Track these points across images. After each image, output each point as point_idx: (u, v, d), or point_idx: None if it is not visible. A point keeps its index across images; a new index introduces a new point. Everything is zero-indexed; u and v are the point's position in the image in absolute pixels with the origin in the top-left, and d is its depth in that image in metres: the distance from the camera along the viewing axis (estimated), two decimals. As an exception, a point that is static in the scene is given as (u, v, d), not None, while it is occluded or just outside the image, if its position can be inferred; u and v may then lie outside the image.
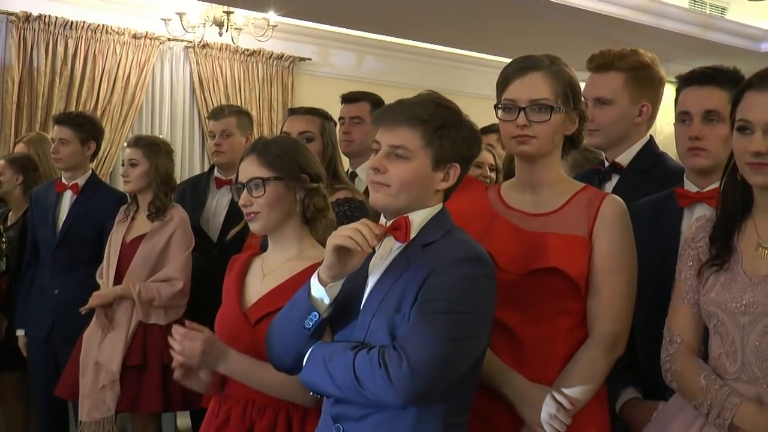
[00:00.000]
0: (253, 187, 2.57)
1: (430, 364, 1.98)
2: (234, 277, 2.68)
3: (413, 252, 2.14)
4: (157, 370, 4.22)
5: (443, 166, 2.16)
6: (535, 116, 2.36)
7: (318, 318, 2.13)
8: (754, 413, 2.11)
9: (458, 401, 2.15)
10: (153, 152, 4.33)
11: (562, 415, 2.27)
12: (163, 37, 7.42)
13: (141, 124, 7.50)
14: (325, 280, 2.13)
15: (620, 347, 2.38)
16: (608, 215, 2.38)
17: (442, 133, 2.14)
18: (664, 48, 6.73)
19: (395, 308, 2.09)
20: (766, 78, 2.17)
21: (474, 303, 2.07)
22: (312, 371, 2.13)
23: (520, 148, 2.40)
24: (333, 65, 8.50)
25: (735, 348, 2.19)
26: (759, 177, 2.17)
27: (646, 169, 3.04)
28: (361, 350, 2.06)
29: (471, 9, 6.18)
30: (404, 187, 2.14)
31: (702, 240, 2.30)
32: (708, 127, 2.63)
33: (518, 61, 2.44)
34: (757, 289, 2.16)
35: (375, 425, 2.10)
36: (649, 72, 3.10)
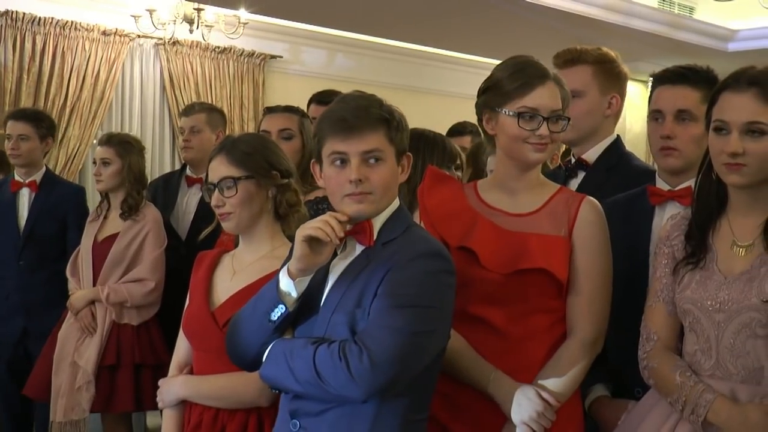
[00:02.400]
0: (224, 187, 2.56)
1: (391, 358, 1.99)
2: (202, 274, 2.67)
3: (374, 250, 2.15)
4: (130, 369, 4.22)
5: (401, 159, 2.19)
6: (554, 126, 2.38)
7: (285, 311, 2.13)
8: (727, 409, 2.13)
9: (418, 397, 2.15)
10: (125, 150, 4.31)
11: (548, 412, 2.29)
12: (132, 33, 7.36)
13: (111, 121, 7.44)
14: (294, 274, 2.13)
15: (599, 345, 2.41)
16: (587, 217, 2.41)
17: (398, 127, 2.16)
18: (633, 47, 6.78)
19: (356, 304, 2.09)
20: (742, 79, 2.19)
21: (434, 297, 2.07)
22: (272, 367, 2.13)
23: (537, 156, 2.41)
24: (304, 63, 8.48)
25: (710, 345, 2.21)
26: (734, 177, 2.18)
27: (611, 167, 3.06)
28: (322, 345, 2.05)
29: (441, 7, 6.19)
30: (386, 190, 2.15)
31: (677, 238, 2.32)
32: (680, 127, 2.64)
33: (532, 67, 2.41)
34: (731, 287, 2.18)
35: (333, 420, 2.11)
36: (615, 65, 3.13)
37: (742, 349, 2.16)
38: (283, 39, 8.27)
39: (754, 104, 2.15)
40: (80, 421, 4.16)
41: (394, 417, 2.10)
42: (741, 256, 2.21)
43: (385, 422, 2.10)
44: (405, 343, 2.00)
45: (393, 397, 2.07)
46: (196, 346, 2.62)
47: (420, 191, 2.57)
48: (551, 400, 2.29)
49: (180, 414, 2.63)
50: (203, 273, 2.67)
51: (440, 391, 2.27)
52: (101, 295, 4.19)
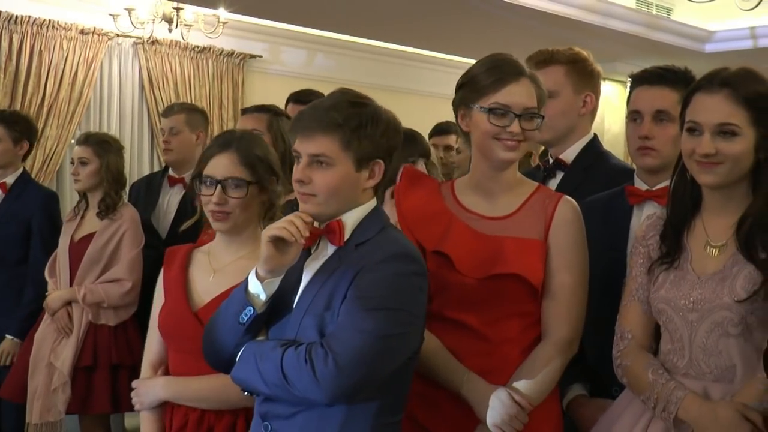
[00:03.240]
0: (231, 185, 2.52)
1: (357, 362, 1.97)
2: (176, 272, 2.63)
3: (346, 251, 2.14)
4: (107, 370, 4.20)
5: (366, 165, 2.14)
6: (527, 124, 2.38)
7: (253, 313, 2.13)
8: (698, 407, 2.15)
9: (390, 400, 2.14)
10: (103, 150, 4.29)
11: (521, 415, 2.29)
12: (111, 32, 7.31)
13: (89, 120, 7.39)
14: (263, 276, 2.12)
15: (574, 347, 2.41)
16: (563, 218, 2.40)
17: (360, 134, 2.11)
18: (611, 47, 6.82)
19: (325, 306, 2.09)
20: (714, 80, 2.21)
21: (404, 300, 2.06)
22: (243, 369, 2.13)
23: (509, 155, 2.40)
24: (284, 63, 8.46)
25: (683, 344, 2.23)
26: (707, 177, 2.21)
27: (588, 167, 3.08)
28: (290, 347, 2.05)
29: (421, 7, 6.20)
30: (331, 194, 2.12)
31: (653, 238, 2.34)
32: (658, 127, 2.66)
33: (510, 65, 2.42)
34: (704, 287, 2.20)
35: (303, 423, 2.10)
36: (587, 64, 3.14)
37: (714, 348, 2.18)
38: (262, 39, 8.24)
39: (726, 106, 2.17)
40: (56, 423, 4.14)
41: (365, 420, 2.10)
42: (714, 256, 2.23)
43: (356, 425, 2.09)
44: (372, 347, 1.99)
45: (364, 399, 2.07)
46: (174, 347, 2.59)
47: (396, 192, 2.57)
48: (524, 403, 2.29)
49: (160, 416, 2.60)
50: (177, 271, 2.63)
51: (418, 391, 2.27)
52: (78, 296, 4.17)
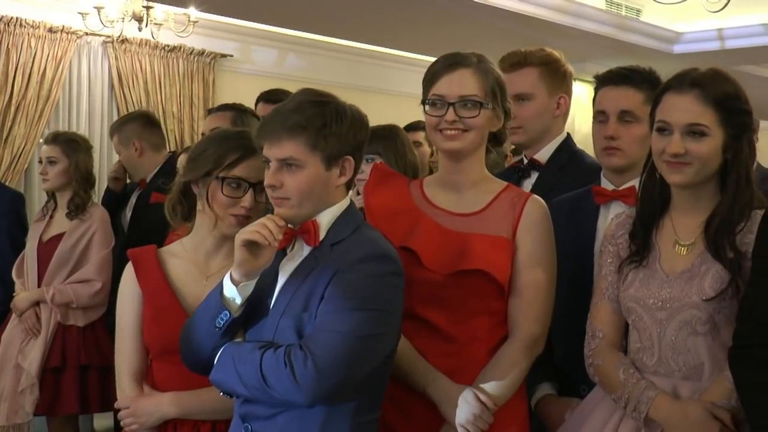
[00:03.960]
0: (259, 190, 2.39)
1: (336, 363, 1.97)
2: (156, 277, 2.50)
3: (322, 251, 2.13)
4: (75, 371, 4.19)
5: (336, 163, 2.14)
6: (465, 112, 2.36)
7: (229, 317, 2.12)
8: (668, 406, 2.17)
9: (368, 398, 2.14)
10: (72, 149, 4.27)
11: (485, 414, 2.28)
12: (80, 31, 7.25)
13: (58, 119, 7.32)
14: (237, 279, 2.11)
15: (540, 346, 2.41)
16: (531, 217, 2.40)
17: (326, 132, 2.11)
18: (581, 48, 6.85)
19: (303, 307, 2.08)
20: (684, 80, 2.22)
21: (381, 300, 2.06)
22: (221, 371, 2.12)
23: (450, 145, 2.40)
24: (254, 62, 8.43)
25: (652, 342, 2.24)
26: (676, 176, 2.22)
27: (563, 166, 3.08)
28: (269, 350, 2.04)
29: (392, 7, 6.20)
30: (304, 196, 2.12)
31: (622, 237, 2.35)
32: (623, 127, 2.67)
33: (446, 58, 2.43)
34: (673, 286, 2.22)
35: (283, 424, 2.10)
36: (559, 65, 3.15)
37: (683, 346, 2.20)
38: (233, 38, 8.21)
39: (696, 106, 2.19)
40: (24, 425, 4.11)
41: (345, 419, 2.10)
42: (683, 255, 2.25)
43: (336, 424, 2.09)
44: (351, 348, 1.99)
45: (343, 399, 2.06)
46: (168, 358, 2.42)
47: (364, 189, 2.57)
48: (489, 403, 2.29)
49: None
50: (159, 281, 2.50)
51: (387, 393, 2.27)
52: (46, 296, 4.15)
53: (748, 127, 2.23)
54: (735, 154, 2.21)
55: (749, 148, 2.23)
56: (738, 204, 2.20)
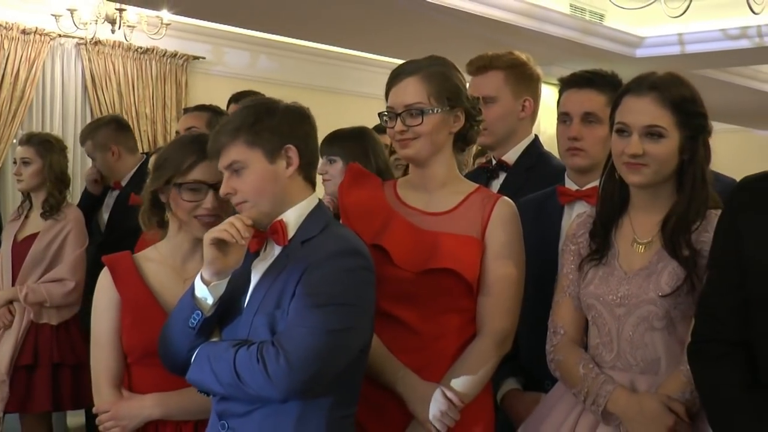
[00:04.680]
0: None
1: (308, 358, 1.98)
2: (135, 282, 2.47)
3: (292, 249, 2.14)
4: (47, 369, 4.16)
5: (279, 155, 2.16)
6: (411, 120, 2.39)
7: (201, 317, 2.13)
8: (625, 399, 2.19)
9: (344, 394, 2.15)
10: (46, 150, 4.25)
11: (452, 411, 2.30)
12: (53, 33, 7.19)
13: (31, 120, 7.25)
14: (208, 279, 2.12)
15: (508, 343, 2.43)
16: (500, 218, 2.42)
17: (258, 128, 2.14)
18: (546, 51, 6.87)
19: (275, 305, 2.09)
20: (643, 83, 2.25)
21: (352, 295, 2.07)
22: (197, 370, 2.12)
23: (403, 152, 2.44)
24: (227, 64, 8.40)
25: (611, 338, 2.26)
26: (635, 177, 2.24)
27: (530, 167, 3.10)
28: (242, 347, 2.05)
29: (360, 11, 6.20)
30: (258, 194, 2.14)
31: (582, 236, 2.38)
32: (586, 128, 2.70)
33: (397, 69, 2.46)
34: (631, 283, 2.24)
35: (260, 420, 2.10)
36: (526, 68, 3.16)
37: (640, 341, 2.22)
38: (205, 40, 8.17)
39: (654, 108, 2.21)
40: (-4, 423, 4.08)
41: (320, 414, 2.10)
42: (640, 253, 2.27)
43: (311, 419, 2.09)
44: (322, 343, 1.99)
45: (318, 394, 2.07)
46: (149, 362, 2.38)
47: (339, 188, 2.59)
48: (455, 400, 2.30)
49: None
50: (138, 287, 2.46)
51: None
52: (19, 295, 4.13)
53: (704, 129, 2.26)
54: (691, 155, 2.24)
55: (705, 149, 2.26)
56: (694, 203, 2.23)
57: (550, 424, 2.34)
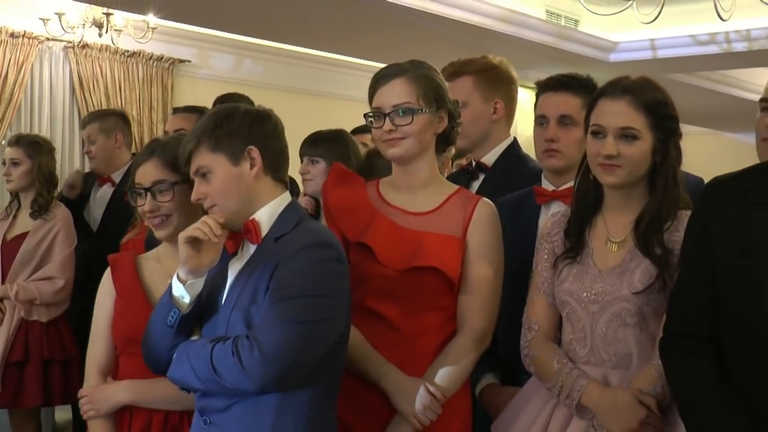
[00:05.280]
0: (157, 191, 2.44)
1: (281, 349, 1.98)
2: (129, 278, 2.52)
3: (266, 246, 2.15)
4: (38, 365, 4.14)
5: (242, 157, 2.16)
6: (400, 120, 2.38)
7: (178, 314, 2.12)
8: (598, 393, 2.20)
9: (322, 384, 2.14)
10: (35, 151, 4.24)
11: (435, 405, 2.31)
12: (42, 36, 7.16)
13: (20, 122, 7.22)
14: (184, 278, 2.12)
15: (487, 340, 2.43)
16: (481, 218, 2.42)
17: (219, 133, 2.16)
18: (523, 56, 6.90)
19: (250, 300, 2.09)
20: (617, 87, 2.26)
21: (324, 286, 2.06)
22: (177, 368, 2.12)
23: (390, 152, 2.43)
24: (212, 67, 8.38)
25: (585, 334, 2.27)
26: (609, 177, 2.26)
27: (508, 169, 3.09)
28: (219, 342, 2.05)
29: (343, 16, 6.20)
30: (225, 196, 2.16)
31: (557, 234, 2.38)
32: (563, 130, 2.70)
33: (381, 71, 2.46)
34: (605, 280, 2.25)
35: (239, 414, 2.10)
36: (496, 72, 3.15)
37: (613, 337, 2.23)
38: (191, 44, 8.16)
39: (628, 111, 2.22)
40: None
41: (298, 405, 2.10)
42: (614, 251, 2.28)
43: (289, 411, 2.09)
44: (295, 334, 1.99)
45: (295, 386, 2.07)
46: (132, 350, 2.42)
47: (324, 188, 2.58)
48: (438, 394, 2.31)
49: (112, 422, 2.47)
50: (130, 277, 2.52)
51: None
52: (10, 293, 4.11)
53: (675, 131, 2.28)
54: (663, 157, 2.25)
55: (676, 151, 2.27)
56: (666, 204, 2.24)
57: (525, 417, 2.35)
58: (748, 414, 1.90)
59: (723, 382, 1.96)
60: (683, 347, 2.03)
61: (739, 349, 1.95)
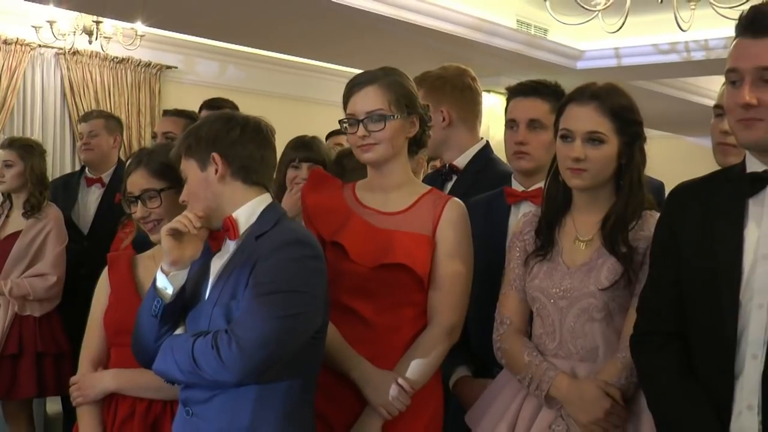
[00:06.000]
0: (147, 198, 2.51)
1: (258, 343, 1.98)
2: (124, 274, 2.59)
3: (247, 244, 2.15)
4: (32, 358, 4.13)
5: (208, 162, 2.19)
6: (373, 126, 2.38)
7: (161, 304, 2.13)
8: (566, 385, 2.20)
9: (300, 378, 2.14)
10: (28, 153, 4.24)
11: (404, 397, 2.31)
12: (34, 43, 7.10)
13: (12, 125, 7.16)
14: (167, 270, 2.13)
15: (456, 334, 2.43)
16: (450, 217, 2.42)
17: (189, 141, 2.22)
18: (495, 63, 6.91)
19: (231, 296, 2.10)
20: (585, 93, 2.27)
21: (299, 282, 2.06)
22: (162, 361, 2.12)
23: (365, 157, 2.43)
24: (198, 73, 8.34)
25: (554, 328, 2.27)
26: (577, 180, 2.26)
27: (478, 171, 3.09)
28: (200, 337, 2.06)
29: (321, 25, 6.19)
30: (193, 198, 2.21)
31: (528, 233, 2.38)
32: (532, 134, 2.70)
33: (355, 78, 2.45)
34: (573, 277, 2.25)
35: (220, 405, 2.10)
36: (442, 81, 3.11)
37: (581, 331, 2.24)
38: (178, 51, 8.11)
39: (595, 116, 2.23)
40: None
41: (277, 398, 2.10)
42: (582, 250, 2.29)
43: (268, 403, 2.09)
44: (271, 328, 1.99)
45: (273, 379, 2.07)
46: (123, 341, 2.43)
47: (302, 191, 2.59)
48: (406, 386, 2.31)
49: (100, 409, 2.53)
50: (124, 275, 2.58)
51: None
52: (4, 289, 4.11)
53: (640, 135, 2.28)
54: (628, 160, 2.25)
55: (640, 154, 2.28)
56: (631, 205, 2.24)
57: (497, 407, 2.35)
58: (712, 406, 1.91)
59: (689, 376, 1.97)
60: (652, 344, 2.04)
61: (702, 345, 1.96)
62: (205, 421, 2.12)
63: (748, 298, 1.88)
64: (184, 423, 2.18)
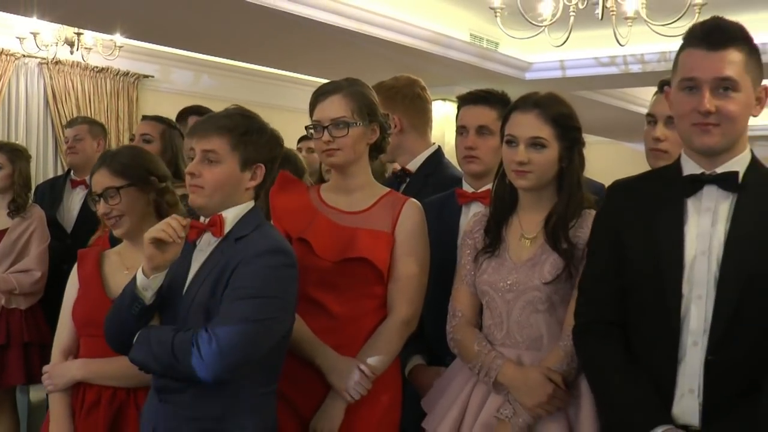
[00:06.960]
0: (108, 196, 2.47)
1: (236, 344, 1.97)
2: (91, 270, 2.56)
3: (227, 245, 2.12)
4: (19, 347, 4.09)
5: (250, 167, 2.15)
6: (336, 132, 2.38)
7: (142, 305, 2.09)
8: (512, 371, 2.21)
9: (266, 373, 2.15)
10: (16, 157, 4.24)
11: (365, 382, 2.31)
12: (18, 53, 6.98)
13: (-3, 131, 7.06)
14: (148, 272, 2.09)
15: (413, 325, 2.43)
16: (408, 217, 2.43)
17: (246, 139, 2.14)
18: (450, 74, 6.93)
19: (210, 294, 2.07)
20: (528, 101, 2.27)
21: (276, 289, 2.05)
22: (139, 351, 2.09)
23: (329, 161, 2.43)
24: (173, 82, 8.26)
25: (502, 319, 2.28)
26: (522, 181, 2.27)
27: (428, 174, 3.09)
28: (179, 332, 2.03)
29: (289, 37, 6.16)
30: (217, 188, 2.12)
31: (478, 232, 2.38)
32: (480, 139, 2.71)
33: (321, 88, 2.45)
34: (519, 272, 2.26)
35: (193, 395, 2.08)
36: (394, 91, 3.09)
37: (526, 321, 2.24)
38: (154, 61, 8.03)
39: (537, 122, 2.24)
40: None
41: (246, 391, 2.09)
42: (527, 246, 2.29)
43: (238, 395, 2.08)
44: (249, 330, 1.98)
45: (244, 374, 2.06)
46: (88, 332, 2.48)
47: (270, 193, 2.57)
48: (368, 372, 2.32)
49: (68, 396, 2.51)
50: (91, 269, 2.55)
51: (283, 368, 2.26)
52: None
53: (579, 140, 2.29)
54: (569, 163, 2.26)
55: (580, 157, 2.29)
56: (571, 204, 2.25)
57: (450, 393, 2.35)
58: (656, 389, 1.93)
59: (633, 362, 1.98)
60: (594, 332, 2.05)
61: (645, 332, 1.98)
62: (178, 408, 2.10)
63: (689, 291, 1.91)
64: (156, 409, 2.15)
